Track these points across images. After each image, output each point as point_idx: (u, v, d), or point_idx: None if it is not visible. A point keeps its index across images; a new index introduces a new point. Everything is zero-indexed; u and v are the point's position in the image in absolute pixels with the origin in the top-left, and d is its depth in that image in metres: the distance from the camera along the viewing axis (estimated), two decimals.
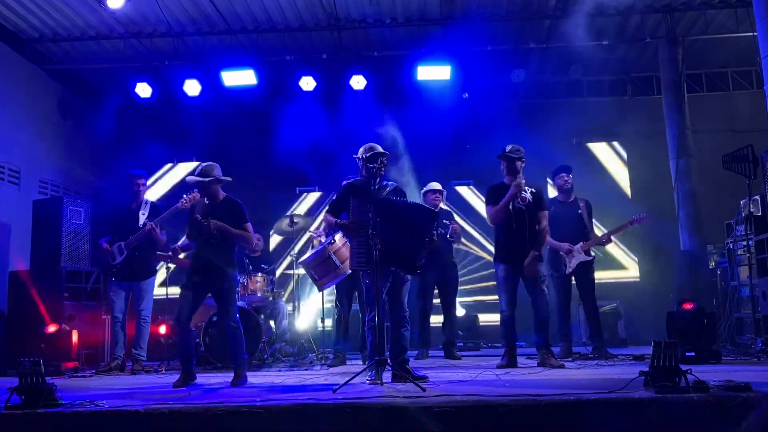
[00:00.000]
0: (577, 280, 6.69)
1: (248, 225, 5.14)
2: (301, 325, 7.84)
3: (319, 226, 8.02)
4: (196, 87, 9.25)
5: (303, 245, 9.41)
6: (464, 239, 9.48)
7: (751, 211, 6.70)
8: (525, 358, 6.20)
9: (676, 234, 8.87)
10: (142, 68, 9.31)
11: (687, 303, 5.82)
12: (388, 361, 4.57)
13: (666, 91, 9.26)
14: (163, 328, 7.39)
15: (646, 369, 3.59)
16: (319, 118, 9.89)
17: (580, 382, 4.20)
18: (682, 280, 8.35)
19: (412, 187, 6.73)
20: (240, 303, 6.29)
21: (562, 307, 6.65)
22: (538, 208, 5.72)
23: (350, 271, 5.67)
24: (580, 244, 6.59)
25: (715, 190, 8.65)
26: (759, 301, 6.37)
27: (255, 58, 9.06)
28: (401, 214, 4.69)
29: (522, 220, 5.61)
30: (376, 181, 4.73)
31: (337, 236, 5.76)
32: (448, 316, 7.22)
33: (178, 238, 7.86)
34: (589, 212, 6.82)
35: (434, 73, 8.98)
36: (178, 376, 4.93)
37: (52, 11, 8.35)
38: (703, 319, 5.73)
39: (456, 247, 7.61)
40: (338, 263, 5.64)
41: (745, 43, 9.01)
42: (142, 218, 6.48)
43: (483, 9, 8.60)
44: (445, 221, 6.97)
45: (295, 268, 7.64)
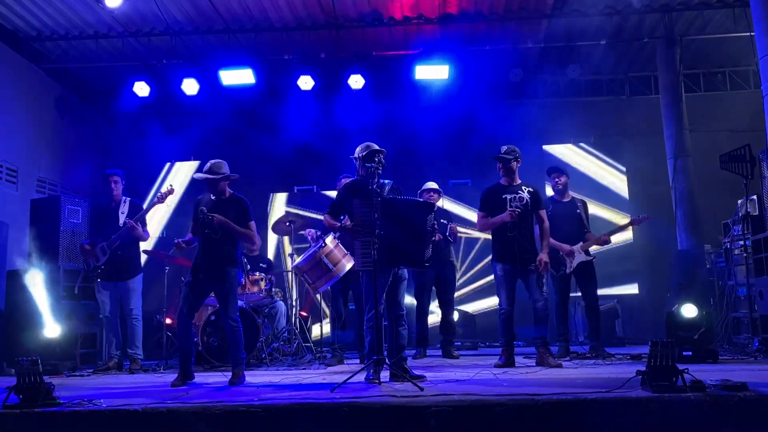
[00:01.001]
0: (577, 279, 6.70)
1: (252, 224, 5.15)
2: (299, 324, 7.83)
3: (313, 225, 7.90)
4: (195, 86, 9.24)
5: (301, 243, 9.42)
6: (467, 228, 9.48)
7: (748, 210, 6.71)
8: (523, 358, 6.22)
9: (673, 233, 8.89)
10: (140, 67, 9.30)
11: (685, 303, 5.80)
12: (386, 360, 4.57)
13: (664, 91, 9.28)
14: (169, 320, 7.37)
15: (643, 368, 3.60)
16: (317, 117, 9.91)
17: (578, 382, 4.21)
18: (680, 280, 8.36)
19: (410, 187, 6.74)
20: (238, 302, 6.29)
21: (561, 307, 6.67)
22: (536, 208, 5.75)
23: (343, 273, 5.67)
24: (580, 244, 6.59)
25: (712, 190, 8.66)
26: (756, 300, 6.38)
27: (253, 57, 9.05)
28: (402, 212, 4.70)
29: (520, 220, 5.63)
30: (374, 180, 4.72)
31: (328, 239, 5.75)
32: (446, 316, 7.22)
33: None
34: (586, 211, 6.84)
35: (432, 73, 8.98)
36: (176, 376, 4.94)
37: (51, 10, 8.34)
38: (700, 319, 5.74)
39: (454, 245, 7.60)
40: (331, 266, 5.63)
41: (742, 43, 9.04)
42: (122, 217, 6.48)
43: (481, 8, 8.61)
44: (442, 221, 6.97)
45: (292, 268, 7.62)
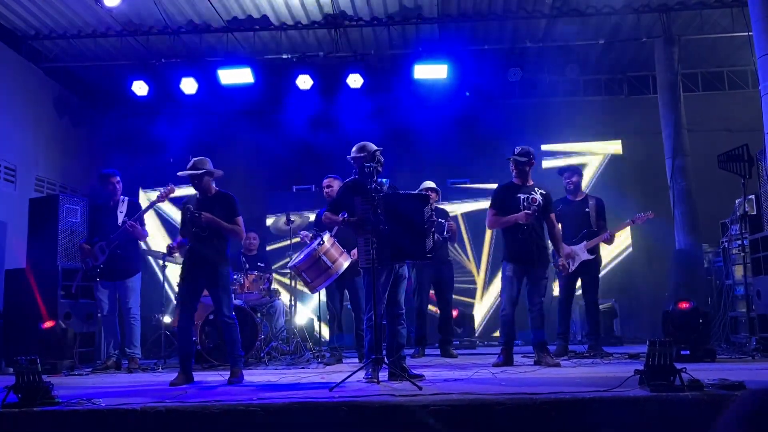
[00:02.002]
0: (581, 278, 6.70)
1: (239, 219, 5.16)
2: (298, 323, 7.84)
3: (307, 227, 7.89)
4: (193, 85, 9.22)
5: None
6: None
7: (746, 210, 6.72)
8: (521, 357, 6.23)
9: (671, 233, 8.90)
10: (139, 66, 9.28)
11: (683, 302, 5.84)
12: (385, 359, 4.58)
13: (662, 90, 9.28)
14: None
15: (641, 367, 3.61)
16: (316, 116, 9.90)
17: (576, 381, 4.22)
18: (678, 279, 8.38)
19: (408, 186, 6.74)
20: (237, 301, 6.30)
21: (563, 305, 6.67)
22: (547, 212, 5.78)
23: (341, 271, 5.68)
24: (584, 243, 6.58)
25: (710, 189, 8.68)
26: (753, 299, 6.40)
27: (252, 57, 9.05)
28: (400, 206, 4.72)
29: (534, 223, 5.64)
30: (373, 179, 4.73)
31: (326, 237, 5.76)
32: (444, 314, 7.23)
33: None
34: (599, 210, 6.72)
35: (431, 72, 8.98)
36: (176, 375, 4.94)
37: (49, 9, 8.33)
38: (698, 318, 5.76)
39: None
40: (329, 264, 5.63)
41: (741, 43, 9.04)
42: (121, 216, 6.48)
43: (480, 8, 8.62)
44: (440, 219, 6.97)
45: (289, 267, 7.62)
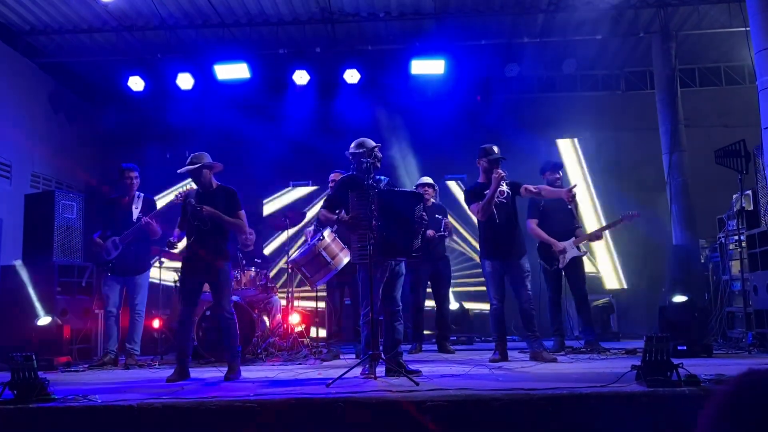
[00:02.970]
0: (566, 274, 6.70)
1: (242, 213, 5.13)
2: (295, 319, 7.84)
3: (311, 224, 7.94)
4: (189, 80, 9.20)
5: (296, 239, 9.41)
6: (456, 238, 9.51)
7: (743, 205, 6.73)
8: (518, 352, 6.23)
9: (668, 228, 8.91)
10: (135, 62, 9.26)
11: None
12: (382, 355, 4.58)
13: (659, 86, 9.28)
14: (157, 322, 7.37)
15: (638, 363, 3.62)
16: (312, 111, 9.88)
17: (573, 376, 4.22)
18: (675, 274, 8.39)
19: (405, 181, 6.74)
20: (234, 297, 6.28)
21: (554, 301, 6.68)
22: (517, 191, 5.69)
23: (341, 267, 5.67)
24: (573, 239, 6.60)
25: (707, 185, 8.69)
26: (750, 295, 6.41)
27: (248, 52, 9.02)
28: (392, 202, 4.72)
29: (506, 214, 5.62)
30: (370, 176, 4.71)
31: (326, 232, 5.75)
32: (441, 310, 7.23)
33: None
34: (577, 206, 6.84)
35: (428, 67, 8.97)
36: (172, 371, 4.93)
37: (44, 3, 8.29)
38: (694, 313, 5.77)
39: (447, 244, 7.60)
40: (329, 259, 5.62)
41: (738, 38, 9.03)
42: (136, 212, 6.45)
43: (477, 3, 8.60)
44: (437, 216, 6.96)
45: (288, 263, 7.62)
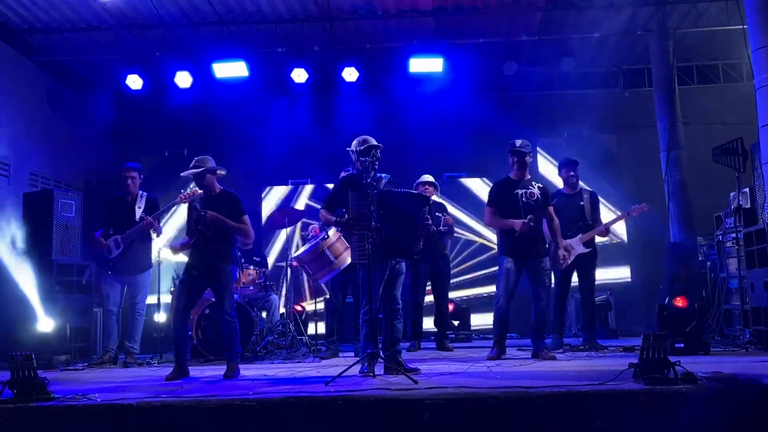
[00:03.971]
0: (577, 272, 6.71)
1: (245, 217, 5.14)
2: (294, 317, 7.86)
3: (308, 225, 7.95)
4: (188, 79, 9.19)
5: (297, 238, 9.43)
6: (463, 230, 9.55)
7: (741, 203, 6.75)
8: (516, 350, 6.26)
9: (666, 226, 8.93)
10: (133, 60, 9.23)
11: (680, 298, 5.84)
12: (381, 353, 4.59)
13: (657, 84, 9.29)
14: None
15: (635, 360, 3.64)
16: (311, 110, 9.88)
17: (571, 374, 4.24)
18: (672, 272, 8.41)
19: (404, 179, 6.74)
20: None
21: (559, 299, 6.69)
22: (545, 205, 5.78)
23: (344, 266, 5.68)
24: (579, 236, 6.60)
25: (705, 182, 8.70)
26: (747, 292, 6.43)
27: (246, 50, 9.01)
28: (397, 204, 4.72)
29: (532, 216, 5.65)
30: (370, 174, 4.72)
31: (331, 231, 5.77)
32: (441, 308, 7.24)
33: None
34: (593, 204, 6.79)
35: (426, 66, 8.97)
36: (171, 370, 4.94)
37: (42, 2, 8.27)
38: (692, 311, 5.78)
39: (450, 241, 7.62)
40: (332, 258, 5.64)
41: (735, 36, 9.03)
42: (138, 212, 6.46)
43: (475, 1, 8.59)
44: (437, 213, 6.98)
45: (287, 261, 7.64)
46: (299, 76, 9.15)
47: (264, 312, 7.28)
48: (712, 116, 9.78)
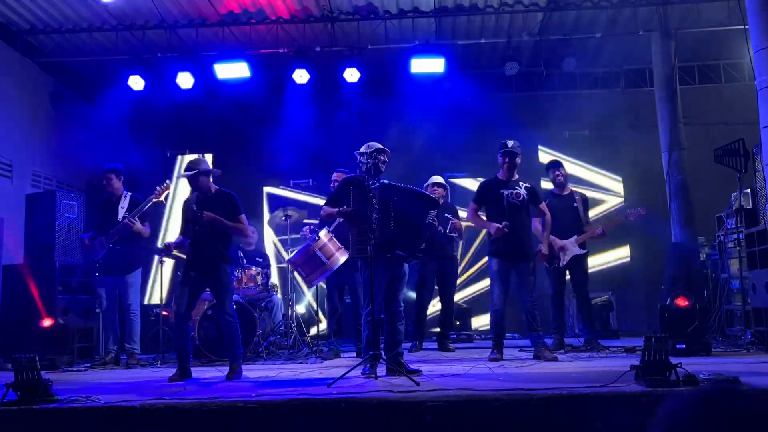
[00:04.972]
0: (570, 272, 6.74)
1: (242, 216, 5.15)
2: (296, 318, 7.86)
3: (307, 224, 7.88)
4: (189, 80, 9.19)
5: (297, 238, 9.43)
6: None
7: (742, 204, 6.75)
8: (518, 351, 6.27)
9: (667, 226, 8.93)
10: (135, 61, 9.24)
11: (681, 298, 5.85)
12: (383, 355, 4.60)
13: (658, 84, 9.28)
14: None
15: (637, 362, 3.64)
16: (312, 110, 9.88)
17: (573, 376, 4.25)
18: (673, 273, 8.40)
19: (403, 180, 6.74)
20: (234, 296, 6.30)
21: (556, 299, 6.71)
22: (534, 203, 5.80)
23: (337, 266, 5.69)
24: (575, 237, 6.62)
25: (706, 183, 8.70)
26: (749, 293, 6.44)
27: (248, 51, 9.02)
28: (402, 200, 4.73)
29: (516, 216, 5.66)
30: (371, 177, 4.71)
31: (322, 232, 5.78)
32: (446, 309, 7.24)
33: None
34: (585, 206, 6.88)
35: (428, 66, 8.97)
36: (174, 371, 4.95)
37: (44, 3, 8.29)
38: (694, 312, 5.79)
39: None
40: (324, 259, 5.65)
41: (737, 36, 9.03)
42: (121, 212, 6.48)
43: (476, 1, 8.60)
44: (446, 215, 6.95)
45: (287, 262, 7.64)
46: (301, 76, 9.15)
47: (266, 313, 7.28)
48: (714, 116, 9.77)
